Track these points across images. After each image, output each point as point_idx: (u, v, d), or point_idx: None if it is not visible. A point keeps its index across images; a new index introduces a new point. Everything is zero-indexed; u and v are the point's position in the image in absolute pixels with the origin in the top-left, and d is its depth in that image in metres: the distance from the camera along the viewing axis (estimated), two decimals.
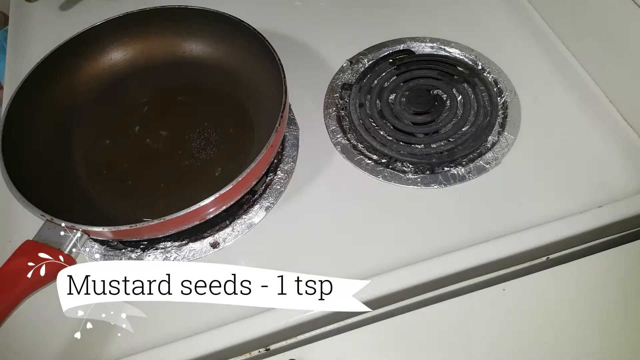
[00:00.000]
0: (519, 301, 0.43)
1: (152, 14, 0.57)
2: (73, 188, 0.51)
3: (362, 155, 0.53)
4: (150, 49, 0.60)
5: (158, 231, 0.45)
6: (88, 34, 0.56)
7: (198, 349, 0.40)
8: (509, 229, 0.45)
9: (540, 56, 0.60)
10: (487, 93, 0.56)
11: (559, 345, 0.41)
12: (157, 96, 0.59)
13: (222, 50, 0.59)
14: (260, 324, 0.41)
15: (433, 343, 0.41)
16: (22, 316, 0.45)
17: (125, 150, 0.55)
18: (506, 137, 0.53)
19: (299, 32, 0.65)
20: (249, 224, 0.50)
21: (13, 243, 0.44)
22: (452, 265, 0.43)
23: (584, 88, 0.56)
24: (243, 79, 0.57)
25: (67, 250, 0.43)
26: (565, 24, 0.60)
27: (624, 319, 0.42)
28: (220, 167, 0.53)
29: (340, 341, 0.41)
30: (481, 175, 0.51)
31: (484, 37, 0.62)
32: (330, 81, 0.60)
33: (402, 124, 0.55)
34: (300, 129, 0.56)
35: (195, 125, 0.56)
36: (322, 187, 0.52)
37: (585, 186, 0.50)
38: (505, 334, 0.41)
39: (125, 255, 0.48)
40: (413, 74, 0.58)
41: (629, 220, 0.45)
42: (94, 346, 0.44)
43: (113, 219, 0.49)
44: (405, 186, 0.51)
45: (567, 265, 0.44)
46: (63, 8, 0.71)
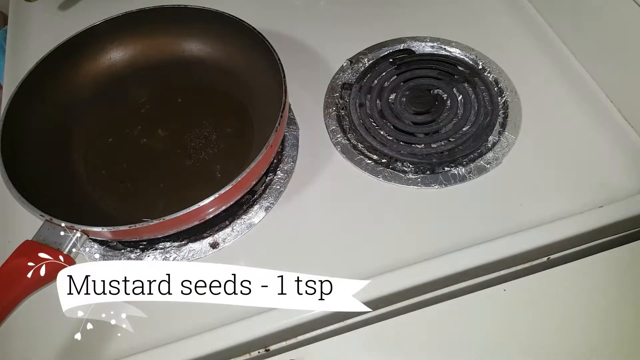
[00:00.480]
0: (519, 302, 0.43)
1: (152, 14, 0.57)
2: (73, 188, 0.51)
3: (362, 155, 0.53)
4: (150, 48, 0.60)
5: (158, 231, 0.44)
6: (87, 34, 0.56)
7: (198, 349, 0.40)
8: (510, 229, 0.45)
9: (540, 56, 0.60)
10: (487, 93, 0.56)
11: (559, 345, 0.41)
12: (156, 96, 0.59)
13: (222, 50, 0.59)
14: (260, 324, 0.41)
15: (433, 343, 0.41)
16: (22, 316, 0.45)
17: (125, 150, 0.55)
18: (507, 137, 0.53)
19: (299, 32, 0.65)
20: (249, 224, 0.50)
21: (13, 243, 0.44)
22: (452, 266, 0.43)
23: (585, 88, 0.56)
24: (243, 79, 0.57)
25: (66, 250, 0.42)
26: (565, 23, 0.60)
27: (624, 319, 0.42)
28: (220, 167, 0.53)
29: (340, 341, 0.41)
30: (482, 175, 0.51)
31: (484, 36, 0.62)
32: (330, 81, 0.60)
33: (403, 124, 0.55)
34: (300, 128, 0.56)
35: (195, 125, 0.56)
36: (322, 187, 0.52)
37: (586, 186, 0.50)
38: (505, 334, 0.41)
39: (124, 256, 0.48)
40: (413, 74, 0.58)
41: (629, 220, 0.45)
42: (94, 346, 0.44)
43: (112, 219, 0.49)
44: (405, 186, 0.51)
45: (567, 265, 0.44)
46: (62, 8, 0.71)
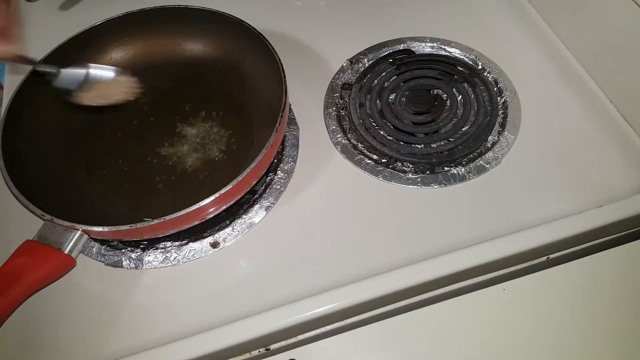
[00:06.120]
0: (519, 301, 0.43)
1: (152, 14, 0.57)
2: (73, 188, 0.51)
3: (362, 155, 0.53)
4: (150, 49, 0.60)
5: (158, 231, 0.45)
6: (88, 34, 0.56)
7: (198, 349, 0.40)
8: (509, 229, 0.45)
9: (540, 56, 0.60)
10: (487, 93, 0.56)
11: (559, 345, 0.41)
12: (157, 96, 0.59)
13: (222, 50, 0.59)
14: (260, 324, 0.41)
15: (433, 343, 0.41)
16: (22, 316, 0.45)
17: (125, 150, 0.55)
18: (506, 136, 0.53)
19: (299, 32, 0.65)
20: (249, 224, 0.50)
21: (13, 243, 0.44)
22: (452, 265, 0.43)
23: (584, 88, 0.56)
24: (243, 79, 0.57)
25: (67, 250, 0.43)
26: (565, 23, 0.60)
27: (624, 318, 0.42)
28: (220, 167, 0.53)
29: (340, 341, 0.41)
30: (481, 175, 0.51)
31: (484, 37, 0.62)
32: (330, 81, 0.60)
33: (402, 124, 0.55)
34: (300, 128, 0.56)
35: (195, 125, 0.56)
36: (322, 186, 0.52)
37: (585, 186, 0.50)
38: (505, 333, 0.41)
39: (125, 255, 0.48)
40: (413, 74, 0.58)
41: (628, 220, 0.45)
42: (94, 345, 0.44)
43: (113, 218, 0.49)
44: (405, 186, 0.51)
45: (567, 265, 0.44)
46: (63, 8, 0.71)
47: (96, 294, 0.47)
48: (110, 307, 0.46)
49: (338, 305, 0.42)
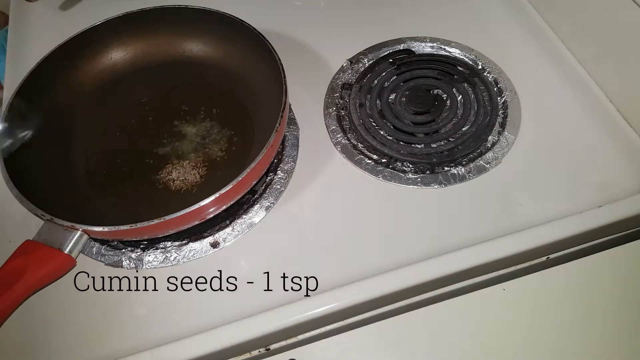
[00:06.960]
0: (519, 301, 0.43)
1: (152, 14, 0.57)
2: (73, 188, 0.51)
3: (362, 155, 0.53)
4: (150, 49, 0.60)
5: (158, 231, 0.45)
6: (88, 34, 0.56)
7: (198, 349, 0.40)
8: (509, 229, 0.46)
9: (540, 56, 0.60)
10: (487, 93, 0.56)
11: (559, 345, 0.41)
12: (157, 96, 0.59)
13: (222, 50, 0.59)
14: (260, 324, 0.41)
15: (433, 343, 0.41)
16: (22, 316, 0.45)
17: (125, 150, 0.55)
18: (506, 136, 0.53)
19: (299, 32, 0.65)
20: (249, 224, 0.50)
21: (13, 243, 0.44)
22: (452, 265, 0.43)
23: (584, 88, 0.56)
24: (243, 79, 0.57)
25: (67, 250, 0.43)
26: (565, 23, 0.60)
27: (624, 318, 0.42)
28: (220, 167, 0.53)
29: (340, 341, 0.41)
30: (481, 175, 0.51)
31: (484, 37, 0.62)
32: (330, 81, 0.60)
33: (402, 124, 0.55)
34: (300, 128, 0.56)
35: (195, 125, 0.56)
36: (322, 186, 0.52)
37: (585, 186, 0.50)
38: (505, 333, 0.41)
39: (125, 255, 0.48)
40: (413, 74, 0.58)
41: (628, 220, 0.45)
42: (94, 346, 0.44)
43: (113, 218, 0.49)
44: (405, 186, 0.51)
45: (567, 265, 0.44)
46: (63, 8, 0.71)
47: (96, 294, 0.47)
48: (110, 307, 0.46)
49: (338, 305, 0.42)
